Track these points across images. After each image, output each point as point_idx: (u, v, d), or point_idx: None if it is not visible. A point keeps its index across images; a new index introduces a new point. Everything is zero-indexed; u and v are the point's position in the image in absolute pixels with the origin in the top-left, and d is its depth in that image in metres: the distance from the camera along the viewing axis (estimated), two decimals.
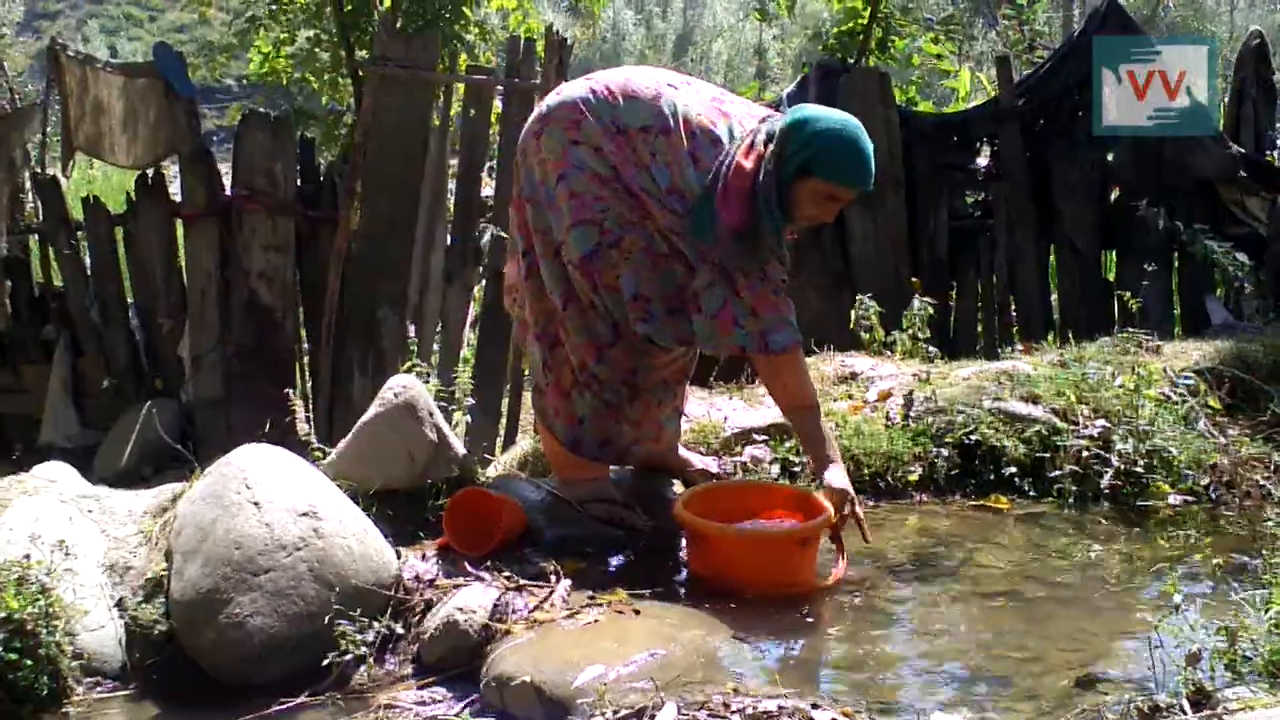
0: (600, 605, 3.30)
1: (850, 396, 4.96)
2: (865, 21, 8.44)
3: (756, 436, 4.48)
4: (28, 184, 8.09)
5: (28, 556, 3.17)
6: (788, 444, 4.39)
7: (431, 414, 3.86)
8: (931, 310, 5.77)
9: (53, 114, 8.58)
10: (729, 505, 3.81)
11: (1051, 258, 7.65)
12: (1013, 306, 7.53)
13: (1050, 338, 6.66)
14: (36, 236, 8.00)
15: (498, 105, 7.43)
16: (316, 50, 10.59)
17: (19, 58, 28.14)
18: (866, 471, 4.34)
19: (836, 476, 3.67)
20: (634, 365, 3.82)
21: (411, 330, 5.35)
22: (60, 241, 7.64)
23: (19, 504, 3.52)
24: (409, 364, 4.39)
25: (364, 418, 3.86)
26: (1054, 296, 7.73)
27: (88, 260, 7.70)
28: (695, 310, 3.65)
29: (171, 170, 8.14)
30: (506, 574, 3.48)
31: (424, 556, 3.62)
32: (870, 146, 3.54)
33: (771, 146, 3.55)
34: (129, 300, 7.66)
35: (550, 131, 3.76)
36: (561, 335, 3.85)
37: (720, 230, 3.54)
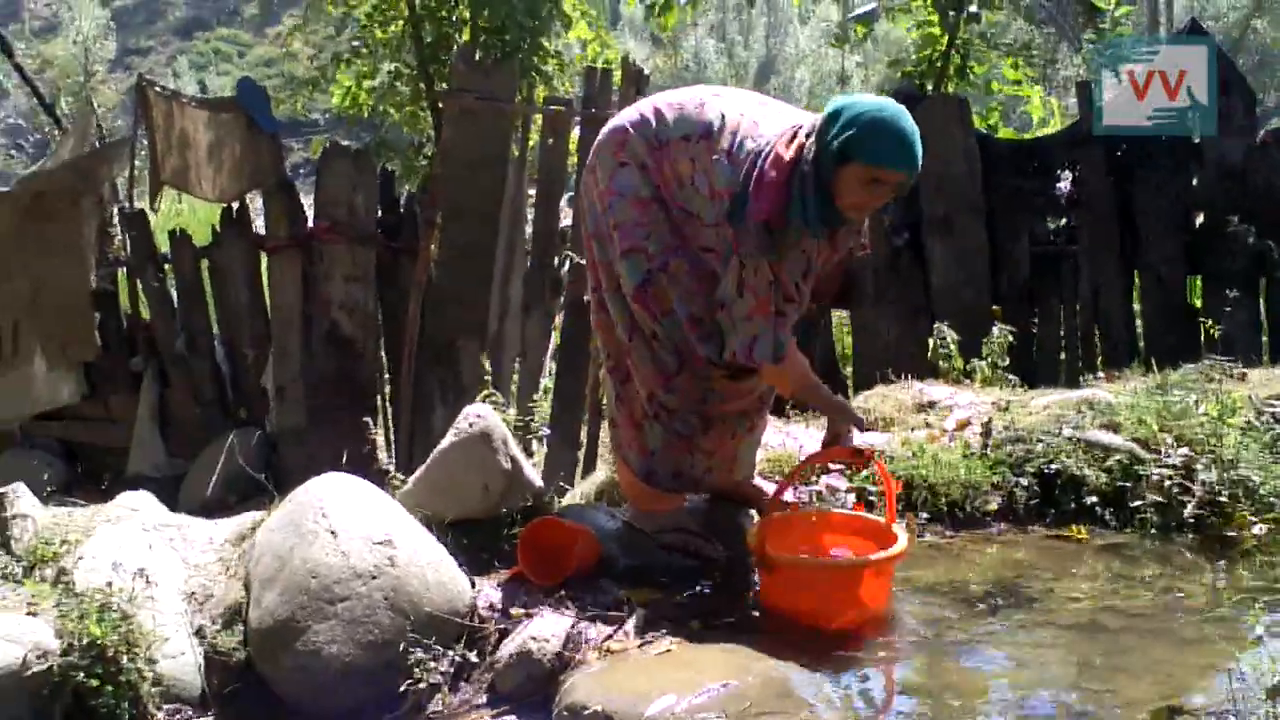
0: (673, 635, 3.29)
1: (928, 425, 4.92)
2: (944, 48, 8.39)
3: (832, 465, 4.45)
4: (116, 218, 8.23)
5: (110, 584, 3.21)
6: (864, 473, 4.36)
7: (506, 443, 3.87)
8: (1012, 338, 5.71)
9: (140, 148, 8.73)
10: (803, 535, 3.79)
11: (1135, 284, 7.54)
12: (1096, 334, 7.43)
13: (1135, 365, 6.56)
14: (124, 269, 8.13)
15: (576, 135, 7.47)
16: (397, 84, 10.72)
17: (111, 94, 28.74)
18: (944, 501, 4.30)
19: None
20: (703, 394, 3.80)
21: (487, 360, 5.38)
22: (148, 274, 7.77)
23: (102, 532, 3.57)
24: (484, 394, 4.41)
25: (439, 447, 3.88)
26: (1139, 323, 7.61)
27: (174, 292, 7.83)
28: (719, 309, 3.63)
29: (256, 203, 8.25)
30: (580, 603, 3.48)
31: (498, 585, 3.62)
32: (913, 129, 3.40)
33: (812, 138, 3.47)
34: (214, 331, 7.78)
35: (601, 159, 3.79)
36: (630, 367, 3.85)
37: (750, 220, 3.47)
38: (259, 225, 7.78)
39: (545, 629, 3.30)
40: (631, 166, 3.69)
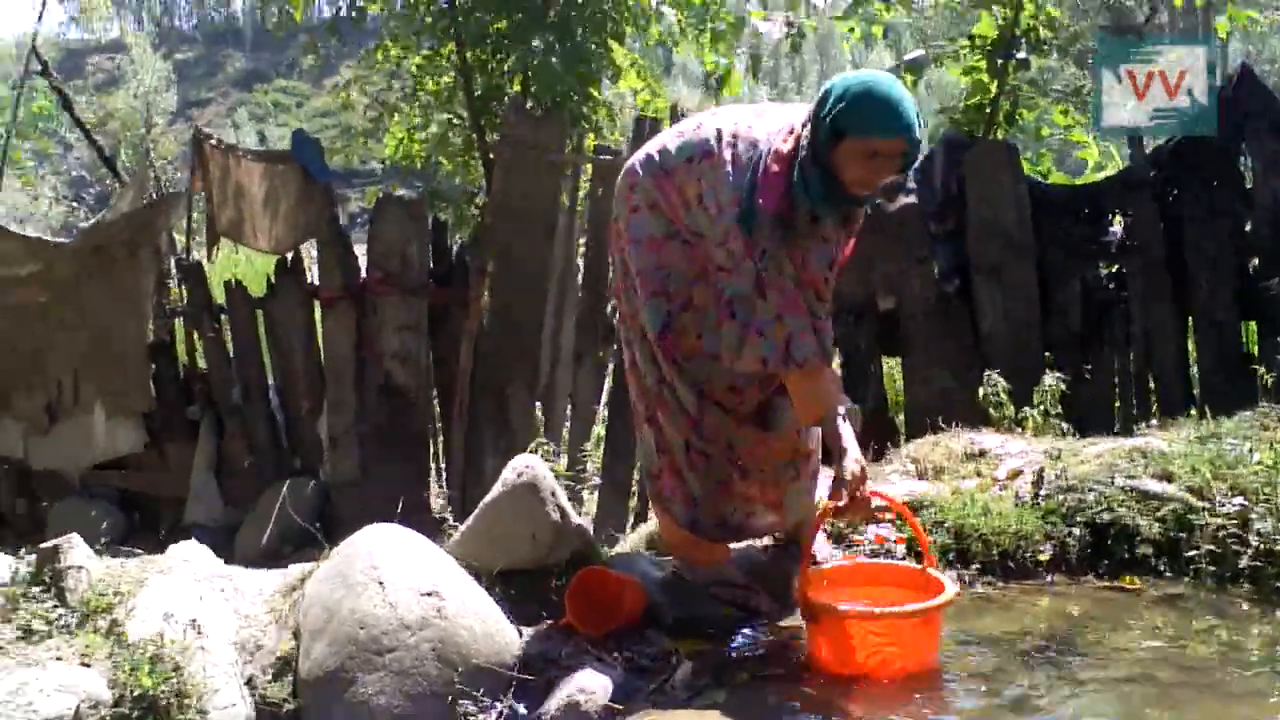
0: (721, 687, 3.28)
1: (979, 474, 4.89)
2: (993, 95, 8.37)
3: (881, 518, 4.43)
4: (173, 269, 8.33)
5: (161, 635, 3.25)
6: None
7: (554, 494, 3.89)
8: (1064, 385, 5.67)
9: (197, 201, 8.86)
10: (848, 585, 3.78)
11: (1189, 330, 7.47)
12: (1149, 381, 7.35)
13: (1188, 413, 6.49)
14: (181, 320, 8.23)
15: None
16: (449, 134, 10.82)
17: (171, 146, 29.16)
18: (995, 551, 4.28)
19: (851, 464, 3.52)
20: (729, 439, 3.81)
21: (539, 409, 5.40)
22: (204, 324, 7.85)
23: (154, 583, 3.61)
24: (533, 443, 4.43)
25: (487, 498, 3.91)
26: (1192, 370, 7.53)
27: (230, 343, 7.91)
28: (728, 317, 3.59)
29: (313, 253, 8.34)
30: (628, 654, 3.49)
31: (546, 636, 3.63)
32: (902, 95, 3.35)
33: (807, 125, 3.47)
34: (269, 381, 7.85)
35: (618, 208, 3.86)
36: (661, 416, 3.86)
37: (761, 216, 3.46)
38: (313, 276, 7.86)
39: (593, 681, 3.30)
40: (643, 209, 3.73)
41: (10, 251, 8.02)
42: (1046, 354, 7.00)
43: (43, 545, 3.61)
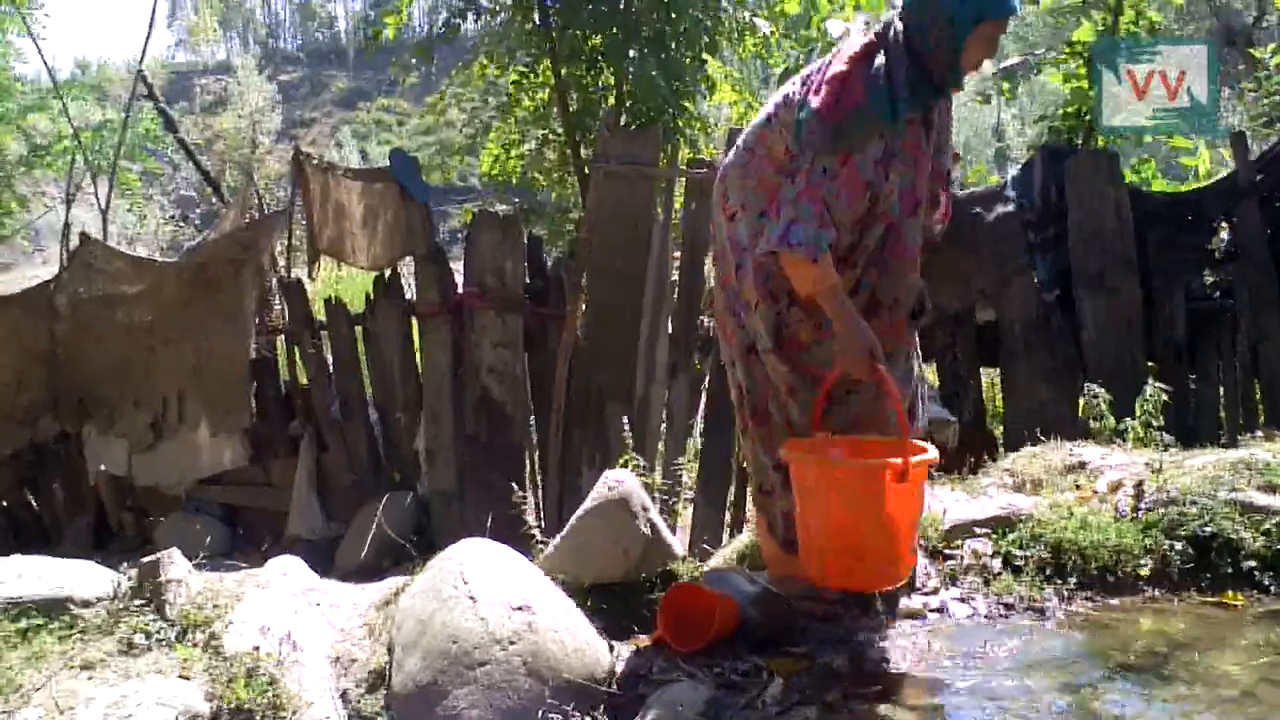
0: (812, 704, 3.26)
1: (1078, 487, 4.81)
2: (1093, 102, 8.26)
3: (977, 529, 4.38)
4: (275, 287, 8.47)
5: (257, 648, 3.30)
6: (1010, 536, 4.28)
7: (646, 509, 3.89)
8: (1167, 396, 5.57)
9: (298, 218, 9.00)
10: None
11: None
12: (1256, 391, 7.19)
13: None
14: (283, 337, 8.36)
15: None
16: (544, 150, 10.89)
17: (275, 165, 29.69)
18: (1094, 565, 4.19)
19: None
20: None
21: (629, 423, 5.40)
22: (305, 341, 7.98)
23: (251, 597, 3.66)
24: (624, 458, 4.43)
25: (578, 512, 3.92)
26: None
27: (330, 358, 8.02)
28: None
29: (410, 270, 8.43)
30: (719, 670, 3.47)
31: (638, 651, 3.63)
32: None
33: (888, 34, 3.59)
34: (368, 396, 7.94)
35: (715, 223, 3.92)
36: (768, 434, 3.85)
37: (809, 121, 3.52)
38: (411, 292, 7.94)
39: (684, 696, 3.29)
40: (738, 214, 3.76)
41: (119, 271, 8.23)
42: (1149, 364, 6.88)
43: (143, 560, 3.68)
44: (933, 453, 3.57)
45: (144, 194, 15.81)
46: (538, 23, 10.08)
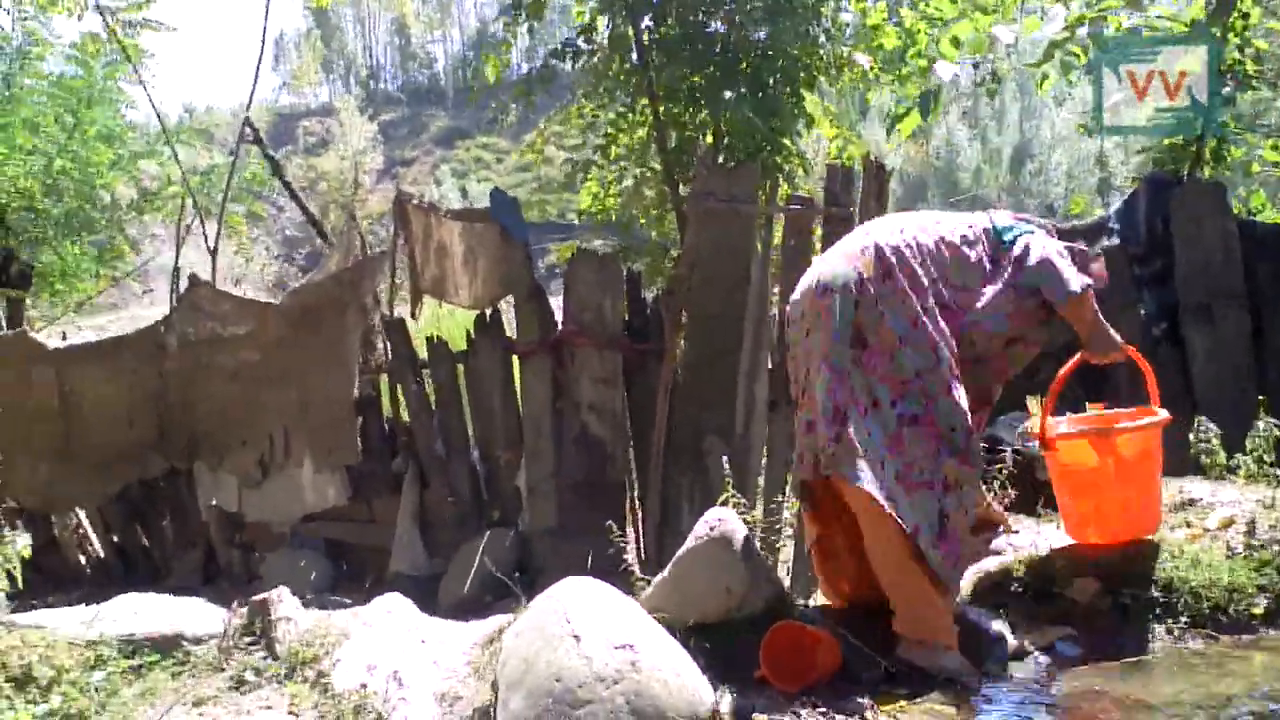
0: None
1: (1188, 524, 4.73)
2: (1198, 132, 8.14)
3: (1086, 568, 4.32)
4: (379, 326, 8.58)
5: (364, 685, 3.34)
6: (1119, 574, 4.21)
7: (747, 547, 3.89)
8: (1279, 431, 5.46)
9: (400, 259, 9.11)
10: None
11: None
12: None
13: None
14: (386, 375, 8.45)
15: (819, 231, 7.48)
16: (643, 187, 10.92)
17: (376, 204, 30.12)
18: (1205, 604, 4.12)
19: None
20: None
21: (727, 461, 5.38)
22: (407, 379, 8.06)
23: (358, 635, 3.71)
24: (724, 496, 4.42)
25: (680, 551, 3.92)
26: None
27: (432, 396, 8.09)
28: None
29: (510, 308, 8.49)
30: (822, 709, 3.46)
31: (740, 690, 3.61)
32: None
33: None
34: (470, 433, 8.00)
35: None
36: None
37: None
38: (512, 330, 8.00)
39: None
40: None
41: (226, 313, 8.39)
42: (1260, 398, 6.73)
43: (254, 599, 3.75)
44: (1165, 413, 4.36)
45: (250, 235, 16.11)
46: (635, 62, 10.14)
